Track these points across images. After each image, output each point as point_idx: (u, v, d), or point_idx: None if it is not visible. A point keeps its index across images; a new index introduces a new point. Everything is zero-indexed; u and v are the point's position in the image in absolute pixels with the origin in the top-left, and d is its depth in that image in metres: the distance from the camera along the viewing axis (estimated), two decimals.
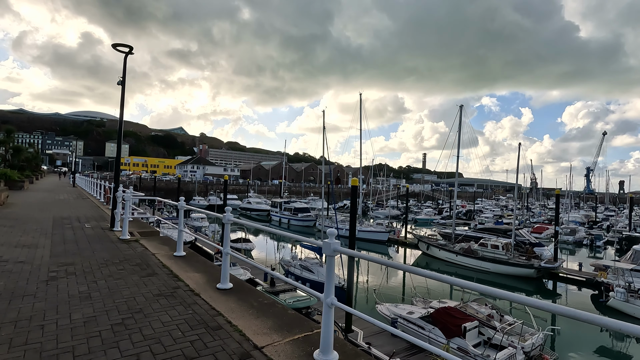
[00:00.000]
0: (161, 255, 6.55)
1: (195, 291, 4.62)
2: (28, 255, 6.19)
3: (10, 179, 23.92)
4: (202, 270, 5.67)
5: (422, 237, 38.37)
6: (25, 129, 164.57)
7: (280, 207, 59.94)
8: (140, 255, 6.53)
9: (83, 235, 8.41)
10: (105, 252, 6.73)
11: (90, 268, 5.55)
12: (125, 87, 9.44)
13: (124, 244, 7.51)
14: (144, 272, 5.47)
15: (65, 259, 6.08)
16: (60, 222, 10.20)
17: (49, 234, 8.37)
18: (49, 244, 7.19)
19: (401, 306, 18.82)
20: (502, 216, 67.05)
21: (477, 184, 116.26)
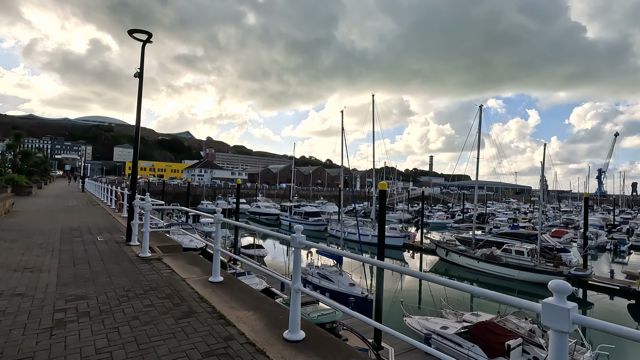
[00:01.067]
0: (194, 281, 5.22)
1: (256, 345, 3.27)
2: (29, 284, 4.88)
3: (17, 185, 22.82)
4: (252, 305, 4.32)
5: (440, 243, 36.82)
6: (35, 134, 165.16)
7: (290, 211, 58.61)
8: (169, 282, 5.19)
9: (96, 251, 7.10)
10: (124, 276, 5.40)
11: (109, 304, 4.22)
12: (142, 80, 8.19)
13: (145, 264, 6.19)
14: (178, 309, 4.12)
15: (75, 289, 4.75)
16: (69, 235, 8.92)
17: (56, 250, 7.08)
18: (56, 266, 5.88)
19: (432, 319, 17.31)
20: (516, 219, 65.16)
21: (487, 186, 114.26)
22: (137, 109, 8.14)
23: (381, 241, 16.49)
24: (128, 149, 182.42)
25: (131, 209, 8.16)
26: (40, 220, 11.57)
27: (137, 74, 8.12)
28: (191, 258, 6.71)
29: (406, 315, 18.15)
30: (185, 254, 7.14)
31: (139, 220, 8.00)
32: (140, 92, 8.14)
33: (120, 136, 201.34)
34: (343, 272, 24.16)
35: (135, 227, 7.82)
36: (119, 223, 11.49)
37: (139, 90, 8.12)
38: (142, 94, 8.18)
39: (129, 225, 8.12)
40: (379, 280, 16.34)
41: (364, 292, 21.04)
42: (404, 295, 23.96)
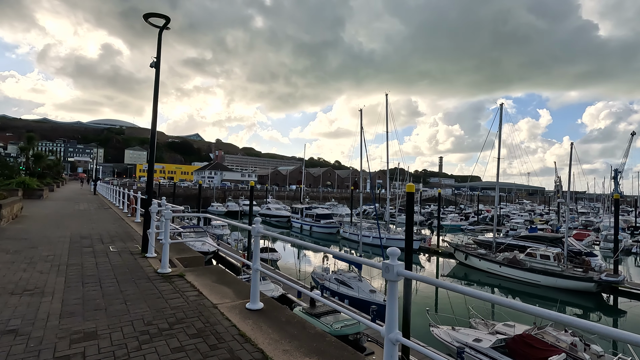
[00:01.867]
0: (228, 309, 4.19)
1: None
2: (27, 314, 3.89)
3: (28, 188, 22.18)
4: (312, 348, 3.25)
5: (458, 246, 35.41)
6: (48, 137, 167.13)
7: (301, 213, 57.61)
8: (198, 310, 4.17)
9: (108, 266, 6.13)
10: (143, 302, 4.39)
11: (125, 347, 3.19)
12: (159, 70, 7.23)
13: (165, 283, 5.18)
14: (216, 356, 3.09)
15: (83, 321, 3.74)
16: (79, 245, 7.98)
17: (63, 264, 6.12)
18: (62, 287, 4.89)
19: (462, 330, 16.07)
20: (532, 221, 63.25)
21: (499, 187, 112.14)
22: (154, 102, 7.19)
23: (409, 248, 15.37)
24: (139, 152, 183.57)
25: (147, 215, 7.19)
26: (49, 226, 10.70)
27: (153, 63, 7.17)
28: (218, 274, 5.68)
29: (433, 325, 16.93)
30: (210, 268, 6.13)
31: (156, 228, 7.03)
32: (157, 84, 7.19)
33: (131, 139, 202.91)
34: (362, 278, 23.05)
35: (152, 237, 6.84)
36: (133, 230, 10.55)
37: (156, 81, 7.18)
38: (159, 86, 7.23)
39: (145, 234, 7.14)
40: (406, 290, 15.18)
41: (386, 299, 19.87)
42: (426, 301, 22.71)
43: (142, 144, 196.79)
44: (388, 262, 2.47)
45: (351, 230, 47.35)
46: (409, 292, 15.21)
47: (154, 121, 7.38)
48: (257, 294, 4.26)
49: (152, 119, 7.27)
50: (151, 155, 7.49)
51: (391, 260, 2.47)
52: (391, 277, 2.44)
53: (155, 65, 7.18)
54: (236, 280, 5.46)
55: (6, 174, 22.49)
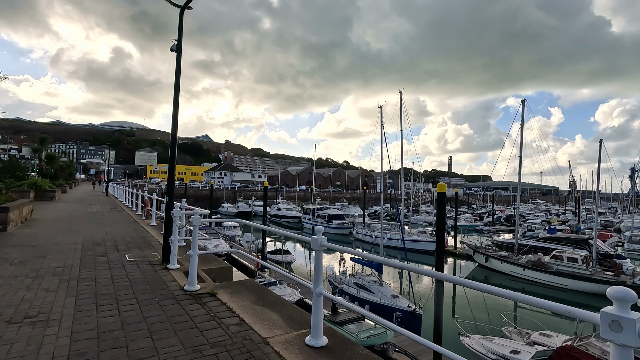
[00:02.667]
0: (284, 347, 3.18)
1: None
2: (25, 355, 2.94)
3: (40, 189, 21.56)
4: None
5: (478, 248, 34.10)
6: (61, 139, 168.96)
7: (312, 214, 56.65)
8: (246, 348, 3.15)
9: (126, 281, 5.19)
10: (172, 334, 3.40)
11: None
12: (181, 54, 6.29)
13: (196, 305, 4.21)
14: None
15: None
16: (92, 253, 7.07)
17: (73, 279, 5.20)
18: (71, 311, 3.94)
19: (497, 341, 14.86)
20: (549, 222, 61.39)
21: (512, 187, 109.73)
22: (175, 89, 6.24)
23: (440, 250, 14.25)
24: (149, 153, 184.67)
25: (168, 221, 6.26)
26: (60, 231, 9.86)
27: (174, 46, 6.23)
28: (256, 292, 4.70)
29: (463, 334, 15.76)
30: (244, 284, 5.14)
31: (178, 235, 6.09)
32: (178, 69, 6.24)
33: (141, 140, 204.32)
34: (383, 282, 21.97)
35: (174, 246, 5.89)
36: (149, 235, 9.65)
37: (177, 66, 6.23)
38: (180, 72, 6.28)
39: (166, 242, 6.20)
40: (438, 296, 14.04)
41: (410, 305, 18.77)
42: (450, 307, 21.52)
43: (153, 145, 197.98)
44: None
45: (365, 232, 46.24)
46: (440, 297, 14.11)
47: (176, 111, 6.43)
48: (320, 326, 3.26)
49: (173, 110, 6.33)
50: (172, 151, 6.55)
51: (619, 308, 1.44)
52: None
53: (176, 49, 6.23)
54: (280, 300, 4.47)
55: (18, 175, 21.92)
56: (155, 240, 8.71)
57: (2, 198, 10.38)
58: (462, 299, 23.28)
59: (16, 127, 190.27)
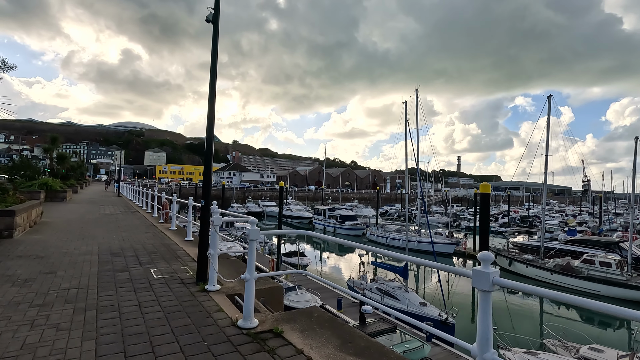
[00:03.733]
0: None
1: None
2: None
3: (51, 190, 20.59)
4: None
5: (501, 251, 32.62)
6: (72, 140, 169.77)
7: (324, 214, 55.37)
8: None
9: (158, 310, 3.96)
10: None
11: None
12: (219, 27, 5.10)
13: (262, 356, 2.99)
14: None
15: None
16: (111, 267, 5.88)
17: (91, 307, 3.98)
18: None
19: (542, 355, 13.44)
20: (566, 223, 59.45)
21: (524, 187, 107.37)
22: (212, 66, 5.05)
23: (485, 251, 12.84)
24: (158, 153, 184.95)
25: (204, 230, 5.05)
26: (72, 237, 8.73)
27: (210, 16, 5.03)
28: (336, 330, 3.44)
29: (503, 348, 14.35)
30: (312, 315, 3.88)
31: (218, 247, 4.88)
32: (215, 42, 5.05)
33: (150, 141, 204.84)
34: (409, 289, 20.67)
35: (214, 261, 4.67)
36: (172, 242, 8.46)
37: (214, 38, 5.04)
38: (217, 46, 5.08)
39: (202, 255, 4.99)
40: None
41: (441, 314, 17.40)
42: None
43: (161, 145, 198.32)
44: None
45: (379, 233, 44.82)
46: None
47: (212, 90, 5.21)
48: None
49: (210, 88, 5.13)
50: (209, 143, 5.34)
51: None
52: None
53: (212, 19, 5.03)
54: (371, 343, 3.23)
55: (28, 175, 20.99)
56: (180, 250, 7.52)
57: (8, 200, 9.30)
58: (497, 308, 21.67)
59: (28, 128, 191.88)
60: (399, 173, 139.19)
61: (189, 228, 8.60)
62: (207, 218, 5.14)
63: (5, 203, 8.88)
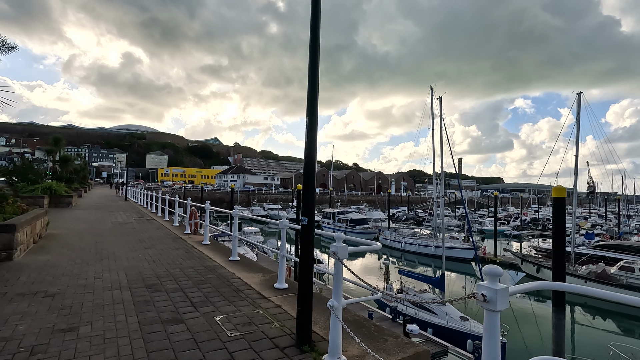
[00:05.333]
0: None
1: None
2: None
3: (56, 194, 18.67)
4: None
5: (526, 256, 30.83)
6: (74, 143, 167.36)
7: (333, 218, 53.52)
8: None
9: None
10: None
11: None
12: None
13: None
14: None
15: None
16: (154, 313, 3.93)
17: None
18: None
19: None
20: (579, 226, 57.68)
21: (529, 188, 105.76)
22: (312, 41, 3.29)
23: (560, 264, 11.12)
24: (160, 156, 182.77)
25: (306, 262, 3.20)
26: (87, 256, 6.84)
27: None
28: None
29: None
30: None
31: None
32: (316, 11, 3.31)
33: (152, 143, 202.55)
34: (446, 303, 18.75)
35: (339, 316, 2.83)
36: (216, 264, 6.56)
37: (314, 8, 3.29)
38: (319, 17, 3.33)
39: (305, 304, 3.12)
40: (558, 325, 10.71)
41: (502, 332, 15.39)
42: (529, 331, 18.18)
43: (163, 148, 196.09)
44: None
45: (392, 237, 42.87)
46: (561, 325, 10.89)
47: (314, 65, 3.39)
48: None
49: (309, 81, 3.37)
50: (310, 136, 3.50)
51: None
52: None
53: None
54: None
55: (31, 179, 19.08)
56: (235, 278, 5.64)
57: (7, 210, 7.41)
58: (542, 315, 19.59)
59: (29, 131, 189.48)
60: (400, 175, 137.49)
61: (235, 246, 6.75)
62: (311, 245, 3.30)
63: (3, 214, 6.99)
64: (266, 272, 6.05)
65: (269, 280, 5.45)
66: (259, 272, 6.04)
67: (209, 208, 8.69)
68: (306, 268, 3.29)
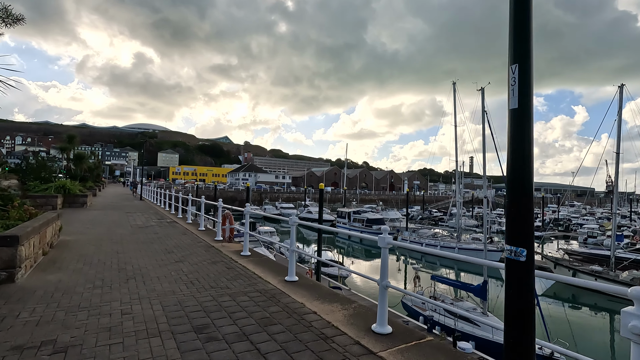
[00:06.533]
0: None
1: None
2: None
3: (69, 194, 17.44)
4: None
5: (560, 260, 28.89)
6: (87, 142, 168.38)
7: (348, 217, 51.90)
8: None
9: None
10: None
11: None
12: None
13: None
14: None
15: None
16: None
17: None
18: None
19: None
20: (602, 227, 55.13)
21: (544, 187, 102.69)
22: None
23: None
24: (171, 154, 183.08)
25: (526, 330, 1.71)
26: (109, 276, 5.40)
27: None
28: None
29: None
30: None
31: None
32: None
33: (163, 142, 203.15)
34: (488, 312, 17.11)
35: None
36: (274, 287, 5.07)
37: None
38: None
39: None
40: None
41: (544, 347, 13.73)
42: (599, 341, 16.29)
43: (174, 147, 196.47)
44: None
45: (412, 238, 41.06)
46: None
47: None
48: None
49: None
50: None
51: None
52: None
53: None
54: None
55: (44, 177, 17.92)
56: (309, 313, 4.14)
57: (12, 214, 6.03)
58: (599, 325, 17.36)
59: (45, 130, 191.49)
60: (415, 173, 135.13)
61: (292, 262, 5.24)
62: (531, 291, 1.79)
63: (6, 221, 5.60)
64: (343, 300, 4.53)
65: (357, 317, 3.94)
66: (334, 300, 4.53)
67: (249, 212, 7.21)
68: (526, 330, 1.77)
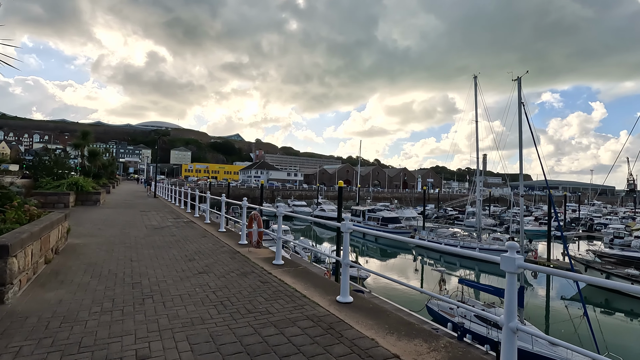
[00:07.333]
0: None
1: None
2: None
3: (82, 191, 16.67)
4: None
5: (591, 263, 27.21)
6: (101, 139, 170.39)
7: (363, 216, 50.62)
8: None
9: None
10: None
11: None
12: None
13: None
14: None
15: None
16: None
17: None
18: None
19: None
20: (628, 227, 52.60)
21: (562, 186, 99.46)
22: None
23: None
24: (183, 152, 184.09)
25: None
26: (118, 294, 4.34)
27: None
28: None
29: None
30: None
31: None
32: None
33: (176, 140, 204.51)
34: (525, 320, 15.77)
35: None
36: (326, 312, 3.95)
37: None
38: None
39: None
40: None
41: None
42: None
43: (186, 144, 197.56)
44: None
45: (430, 237, 39.57)
46: None
47: None
48: None
49: None
50: None
51: None
52: None
53: None
54: None
55: (57, 173, 17.22)
56: (382, 350, 3.05)
57: (9, 216, 5.06)
58: None
59: (61, 128, 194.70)
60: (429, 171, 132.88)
61: (345, 279, 4.13)
62: None
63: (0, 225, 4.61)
64: (425, 334, 3.40)
65: (436, 355, 2.81)
66: (412, 333, 3.40)
67: (282, 213, 6.12)
68: None
